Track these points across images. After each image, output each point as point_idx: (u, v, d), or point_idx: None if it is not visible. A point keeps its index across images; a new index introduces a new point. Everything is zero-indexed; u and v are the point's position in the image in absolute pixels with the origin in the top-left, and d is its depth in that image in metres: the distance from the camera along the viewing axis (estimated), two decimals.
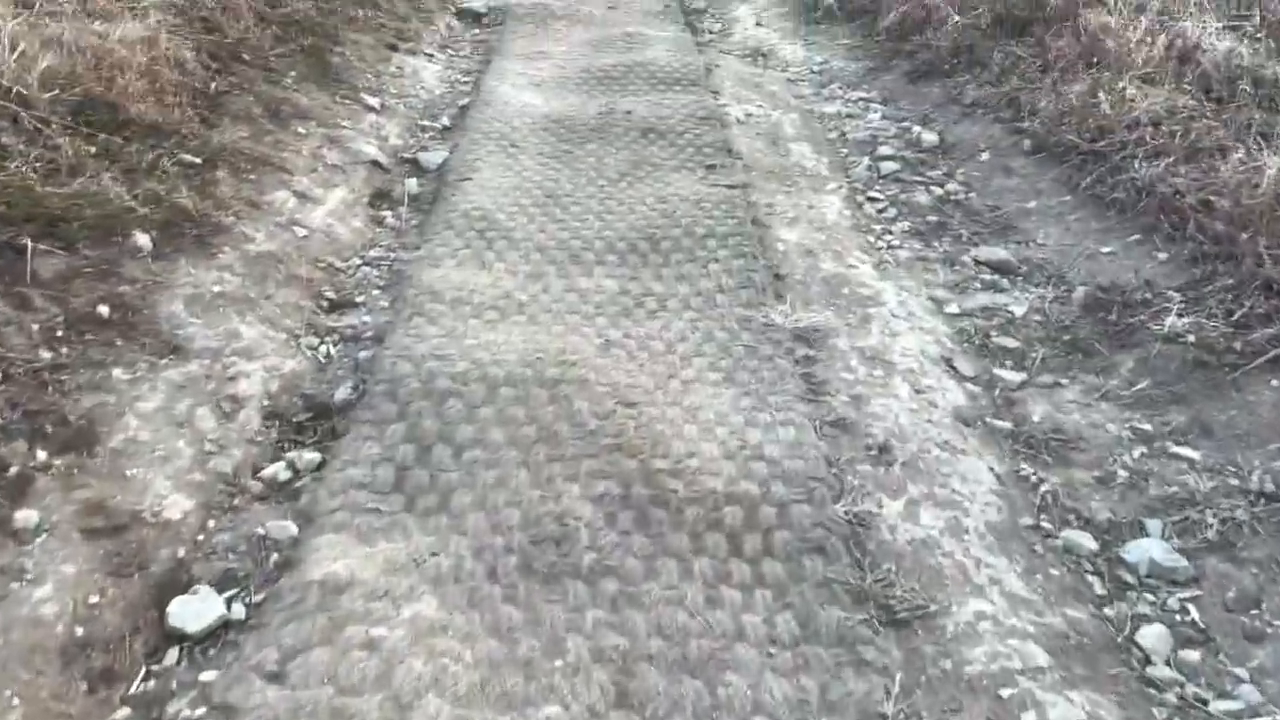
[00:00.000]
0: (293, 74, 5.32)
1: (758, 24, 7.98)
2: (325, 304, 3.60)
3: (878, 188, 5.01)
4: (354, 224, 4.22)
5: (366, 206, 4.45)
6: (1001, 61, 5.81)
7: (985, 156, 5.15)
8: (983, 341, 3.69)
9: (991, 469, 2.98)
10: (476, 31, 7.42)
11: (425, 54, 6.54)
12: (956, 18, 6.38)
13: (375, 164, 4.78)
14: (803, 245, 4.24)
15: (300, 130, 4.73)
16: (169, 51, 4.57)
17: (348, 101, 5.30)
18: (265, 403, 2.99)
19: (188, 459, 2.68)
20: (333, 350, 3.33)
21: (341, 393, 3.08)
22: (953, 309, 3.90)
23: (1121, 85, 4.89)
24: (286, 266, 3.67)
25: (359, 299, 3.68)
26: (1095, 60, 5.32)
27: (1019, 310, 3.86)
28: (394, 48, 6.33)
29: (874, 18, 7.40)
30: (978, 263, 4.25)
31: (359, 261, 3.94)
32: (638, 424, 2.92)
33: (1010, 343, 3.68)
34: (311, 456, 2.80)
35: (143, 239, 3.35)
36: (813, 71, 6.83)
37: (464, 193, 4.52)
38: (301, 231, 3.93)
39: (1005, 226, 4.54)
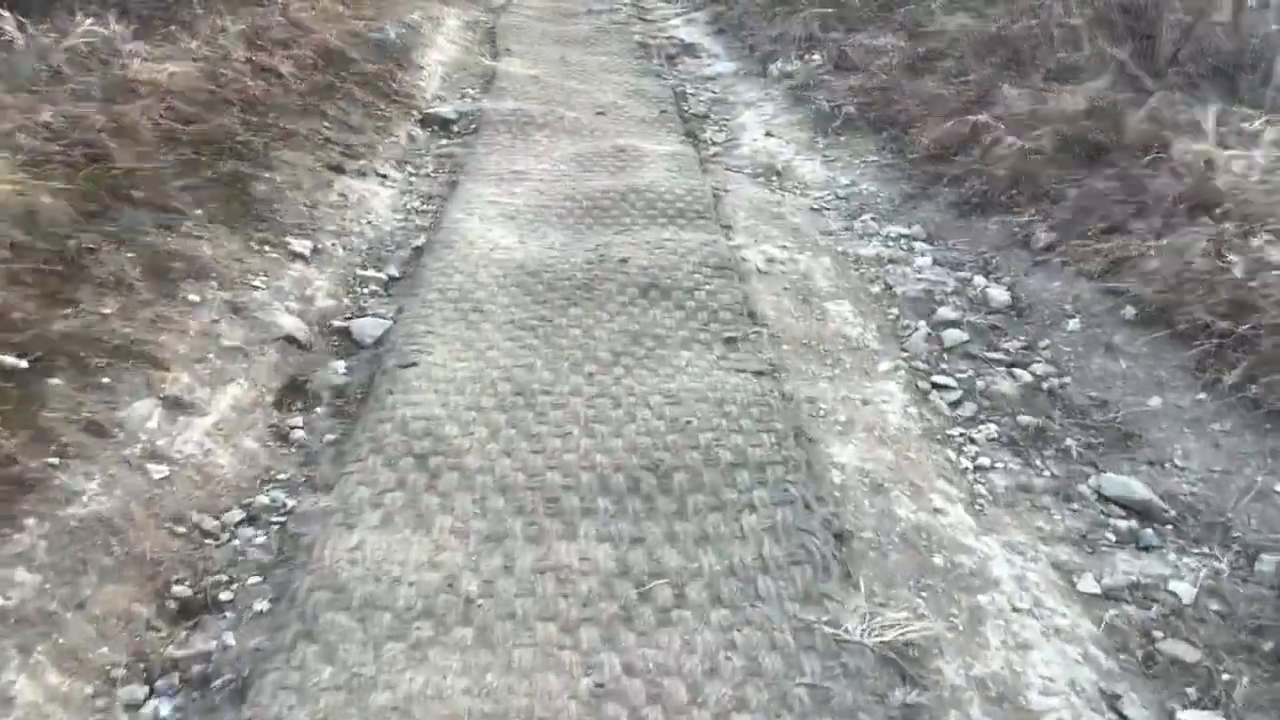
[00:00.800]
0: (199, 213, 4.19)
1: (768, 134, 6.98)
2: (172, 608, 2.39)
3: (944, 367, 3.89)
4: (245, 444, 3.04)
5: (270, 410, 3.27)
6: (1077, 198, 4.76)
7: (1075, 324, 4.05)
8: (1147, 651, 2.52)
9: None
10: (444, 142, 6.36)
11: (378, 175, 5.45)
12: (1011, 138, 5.35)
13: (291, 341, 3.62)
14: (865, 472, 3.08)
15: (192, 297, 3.57)
16: (18, 197, 3.42)
17: (267, 248, 4.16)
18: None
19: None
20: (165, 713, 2.10)
21: None
22: (1090, 585, 2.73)
23: (1256, 243, 3.81)
24: (124, 539, 2.47)
25: (226, 594, 2.48)
26: (1206, 205, 4.26)
27: (1184, 591, 2.70)
28: (339, 169, 5.23)
29: (904, 130, 6.39)
30: (1103, 498, 3.10)
31: (240, 516, 2.75)
32: None
33: (1187, 653, 2.50)
34: None
35: None
36: (839, 196, 5.78)
37: (405, 387, 3.36)
38: (160, 471, 2.74)
39: (1125, 435, 3.41)
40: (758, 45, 9.21)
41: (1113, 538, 2.94)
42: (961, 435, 3.44)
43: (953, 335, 4.08)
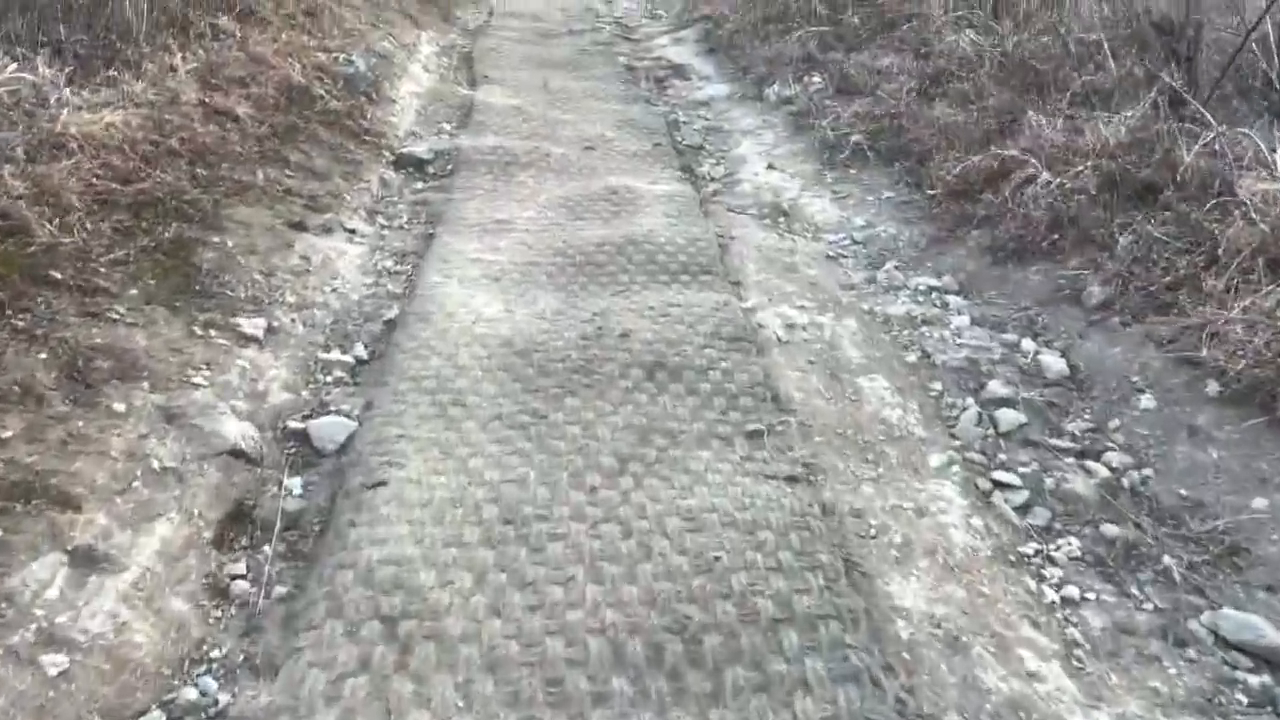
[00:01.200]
0: (132, 293, 3.61)
1: (770, 167, 6.45)
2: None
3: (1003, 458, 3.35)
4: (172, 607, 2.45)
5: (206, 552, 2.69)
6: (1131, 246, 4.22)
7: (1148, 401, 3.51)
8: None
9: None
10: (419, 186, 5.79)
11: (345, 230, 4.87)
12: (1046, 175, 4.82)
13: (237, 455, 3.03)
14: (936, 620, 2.53)
15: (117, 406, 2.99)
16: None
17: (213, 332, 3.58)
18: None
19: None
20: None
21: None
22: None
23: None
24: None
25: None
26: None
27: None
28: (300, 226, 4.66)
29: (920, 161, 5.86)
30: (1222, 641, 2.55)
31: None
32: None
33: None
34: None
35: None
36: (855, 240, 5.25)
37: (371, 516, 2.78)
38: (58, 663, 2.16)
39: (1231, 550, 2.87)
40: (751, 66, 8.70)
41: (1244, 699, 2.40)
42: (1038, 554, 2.89)
43: (1008, 417, 3.53)
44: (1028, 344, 4.00)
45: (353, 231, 4.91)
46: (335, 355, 3.76)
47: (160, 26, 5.76)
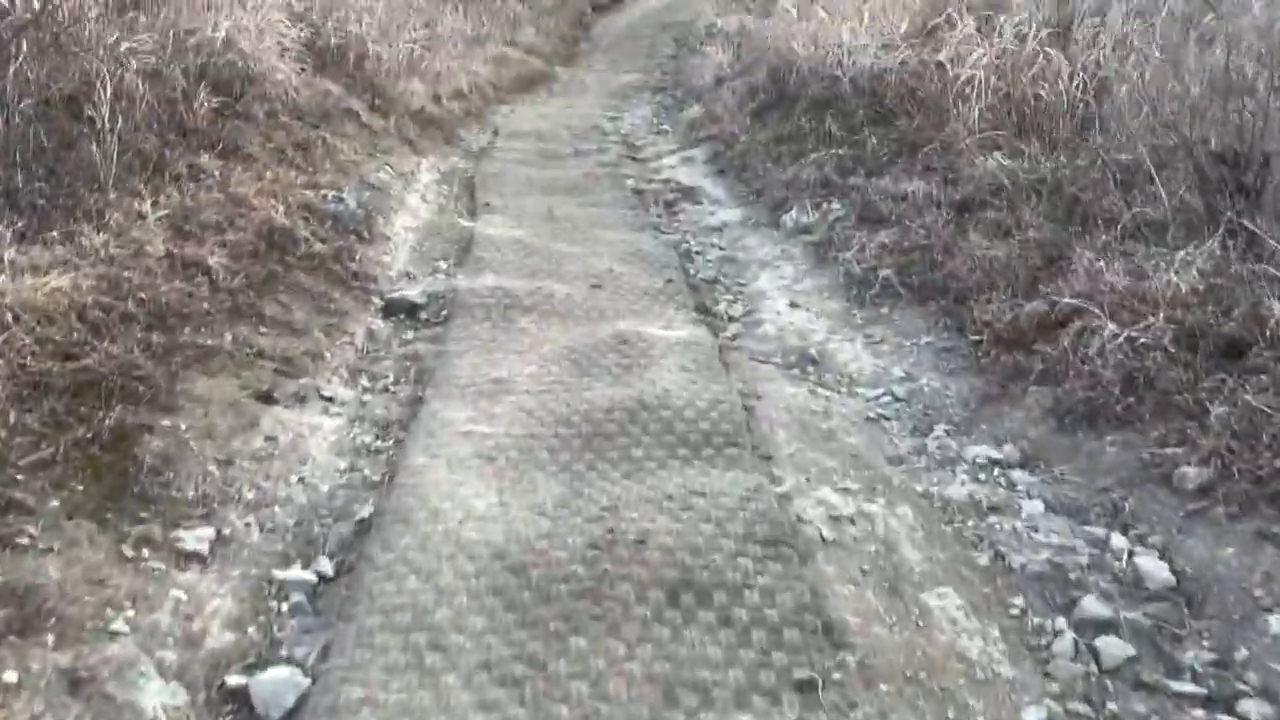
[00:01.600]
0: (54, 504, 3.03)
1: (792, 304, 5.94)
2: None
3: (1113, 709, 2.73)
4: None
5: None
6: (1226, 417, 3.63)
7: (1278, 624, 2.85)
8: None
9: None
10: (409, 336, 5.26)
11: (322, 398, 4.32)
12: (1112, 327, 4.26)
13: None
14: None
15: (8, 677, 2.37)
16: None
17: (146, 552, 2.98)
18: None
19: None
20: None
21: None
22: None
23: None
24: None
25: None
26: None
27: None
28: (269, 397, 4.10)
29: (958, 301, 5.33)
30: None
31: None
32: None
33: None
34: None
35: None
36: (896, 397, 4.67)
37: None
38: None
39: None
40: (765, 190, 8.28)
41: None
42: None
43: (1112, 649, 2.89)
44: (1118, 540, 3.38)
45: (330, 399, 4.35)
46: (294, 573, 3.15)
47: (132, 170, 5.34)
